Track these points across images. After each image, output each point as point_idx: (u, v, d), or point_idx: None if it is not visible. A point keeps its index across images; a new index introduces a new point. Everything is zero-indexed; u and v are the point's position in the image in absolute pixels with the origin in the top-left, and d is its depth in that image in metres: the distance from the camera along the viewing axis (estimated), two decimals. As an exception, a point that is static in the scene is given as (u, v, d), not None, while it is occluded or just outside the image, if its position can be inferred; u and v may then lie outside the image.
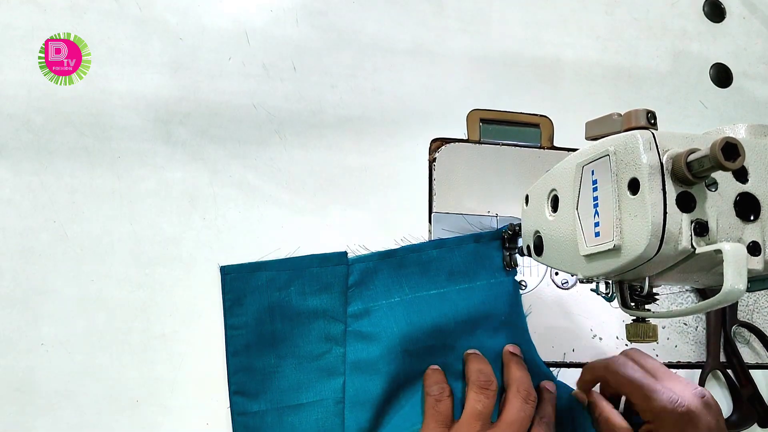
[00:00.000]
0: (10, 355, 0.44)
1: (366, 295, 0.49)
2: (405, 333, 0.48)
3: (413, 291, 0.50)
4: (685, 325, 0.57)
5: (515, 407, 0.44)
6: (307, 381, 0.48)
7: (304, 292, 0.49)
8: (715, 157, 0.31)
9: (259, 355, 0.47)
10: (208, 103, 0.51)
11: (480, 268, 0.51)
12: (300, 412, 0.47)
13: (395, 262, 0.50)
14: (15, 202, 0.46)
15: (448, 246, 0.51)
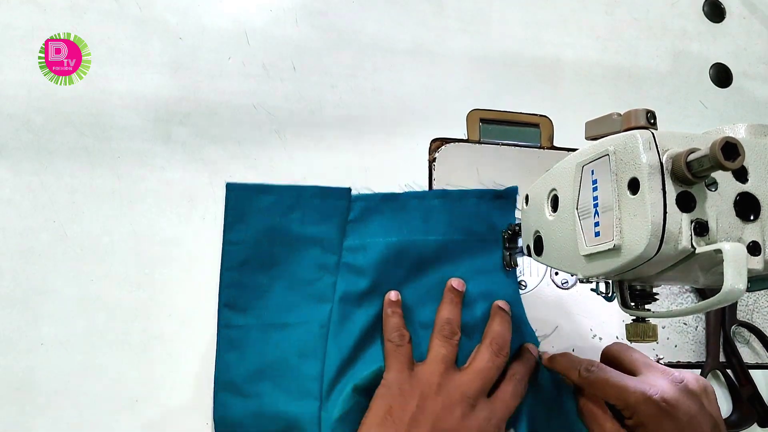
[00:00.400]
0: (10, 354, 0.44)
1: (364, 231, 0.50)
2: (396, 273, 0.49)
3: (411, 234, 0.50)
4: (685, 324, 0.57)
5: (484, 358, 0.45)
6: (296, 303, 0.49)
7: (304, 221, 0.50)
8: (715, 157, 0.31)
9: (252, 273, 0.48)
10: (208, 103, 0.51)
11: (479, 222, 0.52)
12: (284, 331, 0.48)
13: (397, 205, 0.51)
14: (15, 202, 0.46)
15: (451, 197, 0.52)
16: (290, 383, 0.47)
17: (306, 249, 0.50)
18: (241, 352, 0.47)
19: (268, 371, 0.47)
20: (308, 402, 0.46)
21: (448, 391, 0.43)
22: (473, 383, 0.44)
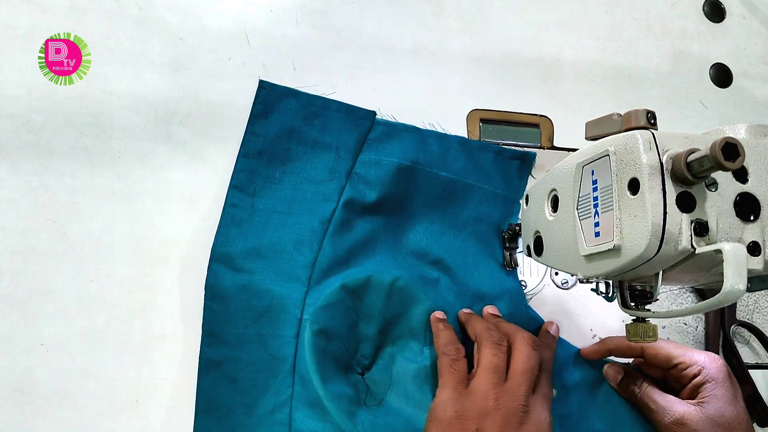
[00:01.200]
0: (10, 355, 0.44)
1: (381, 149, 0.52)
2: (403, 196, 0.52)
3: (425, 166, 0.52)
4: (685, 324, 0.57)
5: (524, 356, 0.45)
6: (302, 198, 0.50)
7: (325, 129, 0.51)
8: (715, 157, 0.31)
9: (266, 164, 0.50)
10: (208, 103, 0.51)
11: (495, 175, 0.54)
12: (286, 219, 0.50)
13: (418, 136, 0.53)
14: (15, 202, 0.46)
15: (472, 145, 0.55)
16: (282, 265, 0.48)
17: (321, 152, 0.51)
18: (241, 230, 0.49)
19: (264, 251, 0.48)
20: (296, 286, 0.48)
21: (504, 403, 0.42)
22: (521, 388, 0.43)
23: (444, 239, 0.53)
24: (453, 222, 0.53)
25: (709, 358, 0.48)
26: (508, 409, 0.42)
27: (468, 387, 0.44)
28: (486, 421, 0.42)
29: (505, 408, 0.42)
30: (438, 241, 0.53)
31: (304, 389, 0.44)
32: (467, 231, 0.53)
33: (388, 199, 0.51)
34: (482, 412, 0.42)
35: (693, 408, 0.46)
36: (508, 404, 0.42)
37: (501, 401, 0.42)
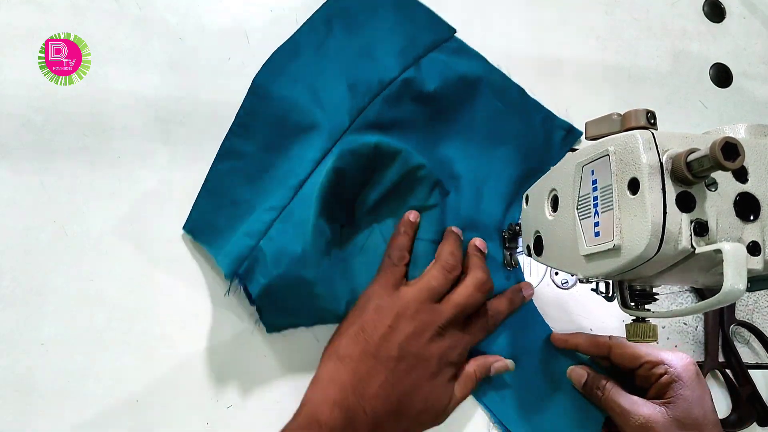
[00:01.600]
0: (10, 354, 0.44)
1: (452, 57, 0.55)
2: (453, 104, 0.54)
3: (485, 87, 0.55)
4: (685, 324, 0.57)
5: (463, 293, 0.47)
6: (367, 52, 0.52)
7: (410, 18, 0.55)
8: (715, 157, 0.31)
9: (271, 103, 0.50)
10: (208, 103, 0.51)
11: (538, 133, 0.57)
12: (349, 60, 0.52)
13: (487, 65, 0.56)
14: (15, 201, 0.46)
15: (528, 99, 0.57)
16: (333, 98, 0.50)
17: (399, 31, 0.54)
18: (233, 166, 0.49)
19: (321, 81, 0.50)
20: (339, 120, 0.49)
21: (422, 318, 0.45)
22: (446, 313, 0.46)
23: (471, 161, 0.54)
24: (486, 150, 0.55)
25: (676, 357, 0.47)
26: (424, 321, 0.45)
27: (397, 290, 0.46)
28: (399, 323, 0.44)
29: (421, 320, 0.45)
30: (465, 159, 0.54)
31: (298, 208, 0.46)
32: (494, 167, 0.54)
33: (441, 99, 0.53)
34: (399, 315, 0.45)
35: (659, 409, 0.45)
36: (425, 318, 0.45)
37: (420, 314, 0.45)
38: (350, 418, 0.42)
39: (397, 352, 0.44)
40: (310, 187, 0.47)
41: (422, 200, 0.50)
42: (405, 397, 0.44)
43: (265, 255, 0.44)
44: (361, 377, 0.43)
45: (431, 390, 0.45)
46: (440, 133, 0.54)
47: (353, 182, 0.49)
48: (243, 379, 0.47)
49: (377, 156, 0.49)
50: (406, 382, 0.44)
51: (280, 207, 0.46)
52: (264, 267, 0.44)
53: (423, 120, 0.53)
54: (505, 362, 0.50)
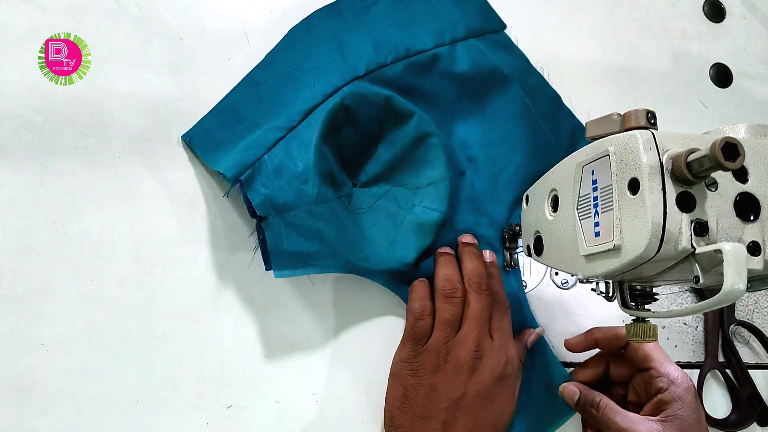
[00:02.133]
0: (10, 355, 0.44)
1: (492, 48, 0.55)
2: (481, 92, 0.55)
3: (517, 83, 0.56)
4: (685, 324, 0.57)
5: (474, 303, 0.47)
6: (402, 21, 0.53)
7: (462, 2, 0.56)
8: (715, 157, 0.31)
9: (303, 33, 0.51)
10: (208, 103, 0.51)
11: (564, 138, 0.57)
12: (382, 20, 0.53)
13: (527, 65, 0.58)
14: (15, 201, 0.46)
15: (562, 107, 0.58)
16: (356, 48, 0.51)
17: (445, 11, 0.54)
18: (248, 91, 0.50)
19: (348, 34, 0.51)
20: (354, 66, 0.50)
21: (454, 355, 0.45)
22: (472, 333, 0.46)
23: (490, 148, 0.54)
24: (508, 143, 0.55)
25: (681, 375, 0.47)
26: (458, 359, 0.45)
27: (425, 345, 0.46)
28: (437, 376, 0.45)
29: (455, 359, 0.45)
30: (484, 145, 0.54)
31: (304, 130, 0.47)
32: (513, 160, 0.54)
33: (468, 82, 0.54)
34: (434, 368, 0.45)
35: (656, 428, 0.45)
36: (458, 354, 0.45)
37: (451, 353, 0.45)
38: None
39: (446, 404, 0.44)
40: (317, 113, 0.48)
41: (441, 170, 0.50)
42: None
43: (268, 167, 0.45)
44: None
45: (495, 417, 0.46)
46: (462, 114, 0.54)
47: (363, 129, 0.50)
48: (243, 379, 0.47)
49: (388, 111, 0.50)
50: (464, 427, 0.44)
51: (286, 128, 0.47)
52: (266, 178, 0.45)
53: (445, 97, 0.54)
54: (535, 332, 0.51)
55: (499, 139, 0.55)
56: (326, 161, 0.47)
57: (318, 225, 0.45)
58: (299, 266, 0.46)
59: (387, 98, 0.49)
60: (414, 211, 0.50)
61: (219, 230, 0.49)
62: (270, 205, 0.44)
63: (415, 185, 0.51)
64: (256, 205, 0.44)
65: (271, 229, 0.45)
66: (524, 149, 0.55)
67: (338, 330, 0.50)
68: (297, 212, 0.45)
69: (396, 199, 0.51)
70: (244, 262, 0.49)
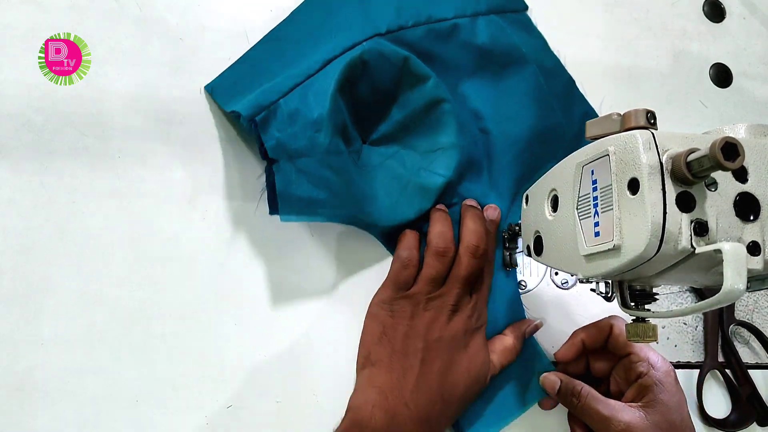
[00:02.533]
0: (10, 354, 0.44)
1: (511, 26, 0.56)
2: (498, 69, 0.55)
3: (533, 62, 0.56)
4: (685, 324, 0.57)
5: (462, 263, 0.48)
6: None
7: None
8: (715, 157, 0.31)
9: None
10: (208, 103, 0.51)
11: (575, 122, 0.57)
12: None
13: (545, 45, 0.59)
14: (15, 201, 0.46)
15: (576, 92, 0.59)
16: (377, 10, 0.51)
17: None
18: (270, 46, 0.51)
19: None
20: (374, 25, 0.51)
21: (433, 305, 0.47)
22: (452, 292, 0.47)
23: (502, 123, 0.55)
24: (520, 119, 0.55)
25: (661, 360, 0.48)
26: (437, 309, 0.47)
27: (406, 291, 0.48)
28: (415, 320, 0.46)
29: (433, 307, 0.47)
30: (497, 119, 0.55)
31: (321, 79, 0.47)
32: (523, 136, 0.55)
33: (486, 55, 0.55)
34: (412, 313, 0.47)
35: (639, 414, 0.45)
36: (437, 305, 0.47)
37: (430, 304, 0.47)
38: (392, 417, 0.43)
39: (423, 344, 0.46)
40: (336, 64, 0.48)
41: (452, 136, 0.51)
42: (444, 380, 0.45)
43: (283, 112, 0.46)
44: (397, 376, 0.45)
45: (469, 362, 0.47)
46: (477, 86, 0.55)
47: (378, 87, 0.50)
48: (243, 379, 0.47)
49: (405, 71, 0.50)
50: (440, 366, 0.45)
51: (304, 75, 0.48)
52: (280, 122, 0.45)
53: (462, 67, 0.54)
54: (534, 324, 0.52)
55: (511, 114, 0.55)
56: (340, 113, 0.48)
57: (328, 174, 0.46)
58: (306, 213, 0.46)
59: (405, 58, 0.50)
60: (420, 175, 0.51)
61: (218, 230, 0.49)
62: (282, 150, 0.45)
63: (425, 149, 0.51)
64: (269, 147, 0.45)
65: (282, 173, 0.45)
66: (535, 127, 0.55)
67: (338, 329, 0.50)
68: (309, 160, 0.45)
69: (404, 161, 0.51)
70: (244, 260, 0.49)
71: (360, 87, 0.50)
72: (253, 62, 0.50)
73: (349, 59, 0.48)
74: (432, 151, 0.51)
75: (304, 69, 0.48)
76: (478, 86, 0.55)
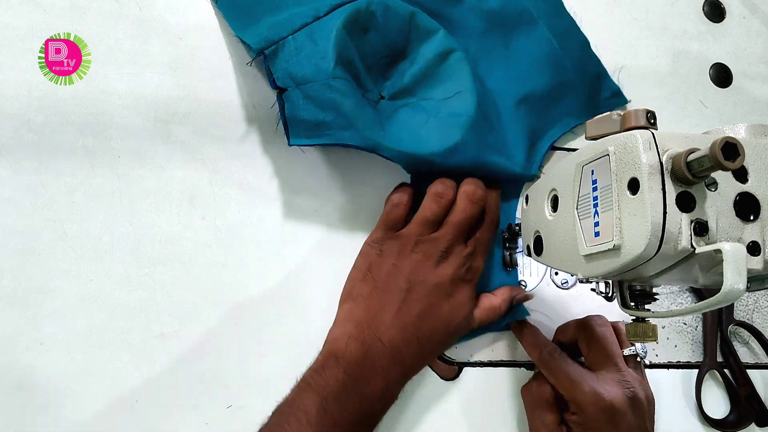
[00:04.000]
0: (10, 354, 0.44)
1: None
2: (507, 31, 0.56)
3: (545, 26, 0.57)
4: (685, 324, 0.57)
5: (458, 208, 0.48)
6: None
7: None
8: (715, 157, 0.31)
9: None
10: (208, 103, 0.51)
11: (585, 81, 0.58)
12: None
13: (559, 7, 0.59)
14: (15, 201, 0.46)
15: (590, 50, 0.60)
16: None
17: None
18: None
19: None
20: None
21: (423, 248, 0.47)
22: (445, 237, 0.47)
23: (512, 83, 0.55)
24: (530, 79, 0.56)
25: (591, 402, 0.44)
26: (425, 250, 0.46)
27: (397, 231, 0.48)
28: (402, 260, 0.46)
29: (422, 250, 0.46)
30: (506, 80, 0.55)
31: (330, 21, 0.48)
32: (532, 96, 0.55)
33: (497, 18, 0.55)
34: (401, 253, 0.46)
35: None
36: (427, 249, 0.46)
37: (420, 246, 0.47)
38: (366, 350, 0.43)
39: (406, 284, 0.45)
40: (342, 10, 0.49)
41: (468, 81, 0.51)
42: (422, 323, 0.45)
43: (291, 47, 0.47)
44: (375, 311, 0.45)
45: (450, 311, 0.46)
46: (486, 49, 0.56)
47: (388, 40, 0.51)
48: (243, 379, 0.47)
49: (413, 26, 0.51)
50: (420, 309, 0.45)
51: (312, 16, 0.49)
52: (287, 56, 0.47)
53: (471, 30, 0.55)
54: (525, 294, 0.52)
55: (521, 74, 0.56)
56: (347, 50, 0.48)
57: (334, 97, 0.47)
58: (314, 135, 0.47)
59: (412, 13, 0.51)
60: (440, 115, 0.51)
61: (218, 230, 0.49)
62: (289, 77, 0.46)
63: (441, 97, 0.52)
64: (277, 77, 0.46)
65: (290, 100, 0.46)
66: (547, 85, 0.56)
67: (338, 330, 0.50)
68: (314, 85, 0.46)
69: (423, 107, 0.52)
70: (244, 260, 0.49)
71: (370, 36, 0.50)
72: None
73: (356, 5, 0.49)
74: (449, 98, 0.52)
75: (312, 10, 0.49)
76: (486, 50, 0.56)
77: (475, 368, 0.51)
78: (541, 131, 0.56)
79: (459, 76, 0.52)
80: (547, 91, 0.56)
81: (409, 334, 0.44)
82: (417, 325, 0.45)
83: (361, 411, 0.42)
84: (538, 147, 0.55)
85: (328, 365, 0.43)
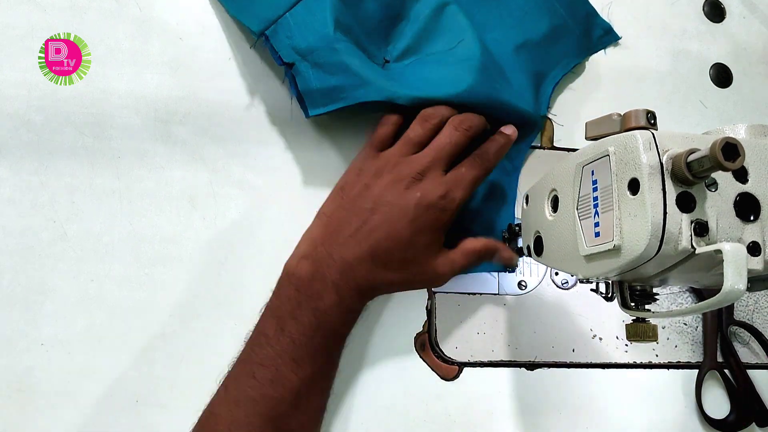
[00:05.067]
0: (10, 354, 0.44)
1: None
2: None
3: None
4: (685, 325, 0.57)
5: (443, 134, 0.47)
6: None
7: None
8: (715, 157, 0.31)
9: None
10: (208, 102, 0.51)
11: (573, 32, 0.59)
12: None
13: None
14: (15, 201, 0.46)
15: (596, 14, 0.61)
16: None
17: None
18: None
19: None
20: None
21: (399, 169, 0.45)
22: (423, 159, 0.45)
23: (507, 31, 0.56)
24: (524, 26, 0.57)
25: None
26: (401, 172, 0.45)
27: (380, 152, 0.47)
28: (376, 180, 0.45)
29: (398, 171, 0.45)
30: (501, 26, 0.56)
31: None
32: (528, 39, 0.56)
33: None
34: (377, 172, 0.46)
35: None
36: (402, 169, 0.45)
37: (397, 167, 0.45)
38: (317, 267, 0.43)
39: (371, 204, 0.44)
40: None
41: (467, 30, 0.52)
42: (378, 243, 0.43)
43: (290, 23, 0.48)
44: (332, 230, 0.45)
45: (412, 234, 0.44)
46: (475, 3, 0.56)
47: (381, 2, 0.51)
48: (243, 379, 0.47)
49: None
50: (378, 228, 0.43)
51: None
52: (288, 31, 0.48)
53: None
54: (511, 254, 0.50)
55: (514, 22, 0.57)
56: (345, 16, 0.49)
57: (341, 59, 0.47)
58: (330, 102, 0.47)
59: None
60: (449, 63, 0.51)
61: (218, 230, 0.49)
62: (294, 51, 0.47)
63: (444, 49, 0.52)
64: (283, 54, 0.47)
65: (300, 74, 0.47)
66: (541, 29, 0.57)
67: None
68: (319, 52, 0.47)
69: (429, 61, 0.52)
70: (244, 260, 0.49)
71: (366, 3, 0.50)
72: None
73: None
74: (453, 48, 0.52)
75: None
76: (479, 1, 0.56)
77: (475, 368, 0.51)
78: (543, 74, 0.57)
79: (458, 26, 0.52)
80: (543, 35, 0.57)
81: (363, 253, 0.43)
82: (372, 244, 0.43)
83: (318, 326, 0.42)
84: (542, 89, 0.56)
85: (282, 285, 0.44)
